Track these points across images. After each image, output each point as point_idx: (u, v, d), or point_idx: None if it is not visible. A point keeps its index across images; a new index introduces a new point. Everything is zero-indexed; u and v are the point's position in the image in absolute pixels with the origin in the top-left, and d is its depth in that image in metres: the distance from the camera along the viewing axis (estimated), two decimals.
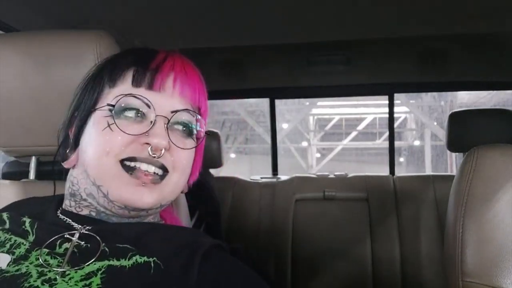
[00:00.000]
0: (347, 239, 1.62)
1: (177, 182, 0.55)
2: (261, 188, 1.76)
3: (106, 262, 0.48)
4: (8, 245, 0.52)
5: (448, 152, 1.66)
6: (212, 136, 1.70)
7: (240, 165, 9.31)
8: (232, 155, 9.86)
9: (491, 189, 0.66)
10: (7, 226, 0.56)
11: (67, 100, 0.61)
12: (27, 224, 0.54)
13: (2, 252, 0.51)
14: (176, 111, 0.54)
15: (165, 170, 0.53)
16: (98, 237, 0.51)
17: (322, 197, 1.68)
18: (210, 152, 1.68)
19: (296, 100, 8.67)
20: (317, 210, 1.68)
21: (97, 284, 0.45)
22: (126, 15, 1.01)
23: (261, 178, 1.88)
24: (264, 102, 6.68)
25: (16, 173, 0.98)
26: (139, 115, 0.53)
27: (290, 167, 7.83)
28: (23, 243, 0.51)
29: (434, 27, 1.15)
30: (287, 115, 9.48)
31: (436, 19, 1.09)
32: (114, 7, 0.94)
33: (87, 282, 0.46)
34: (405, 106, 9.04)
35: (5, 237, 0.53)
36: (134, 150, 0.52)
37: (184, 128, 0.56)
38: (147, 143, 0.52)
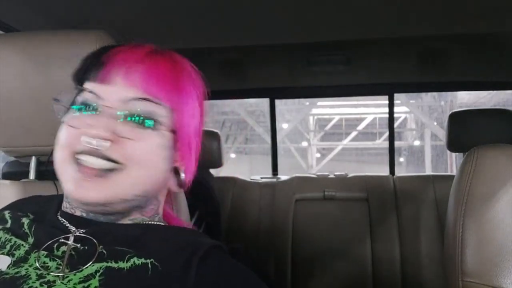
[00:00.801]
0: (347, 239, 1.62)
1: (137, 176, 0.52)
2: (261, 188, 1.76)
3: (104, 264, 0.48)
4: (8, 247, 0.52)
5: (448, 152, 1.66)
6: (212, 136, 1.70)
7: (240, 165, 9.31)
8: (232, 155, 9.86)
9: (491, 189, 0.66)
10: (8, 225, 0.56)
11: None
12: (25, 225, 0.54)
13: (2, 254, 0.51)
14: (125, 101, 0.52)
15: (115, 162, 0.51)
16: (94, 240, 0.50)
17: (322, 197, 1.68)
18: (210, 152, 1.68)
19: (296, 100, 8.67)
20: (317, 210, 1.68)
21: (96, 286, 0.45)
22: (126, 15, 1.01)
23: (261, 178, 1.88)
24: (264, 102, 6.68)
25: (16, 173, 0.98)
26: (89, 108, 0.52)
27: (290, 167, 7.83)
28: (22, 245, 0.51)
29: (434, 27, 1.15)
30: (287, 115, 9.48)
31: (436, 19, 1.09)
32: (114, 7, 0.94)
33: (86, 285, 0.46)
34: (405, 106, 9.04)
35: (6, 237, 0.53)
36: (83, 143, 0.51)
37: (138, 119, 0.52)
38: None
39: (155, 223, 0.59)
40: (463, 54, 1.47)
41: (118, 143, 0.51)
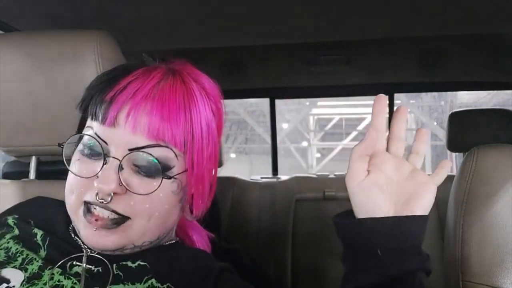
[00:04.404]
0: None
1: (144, 227, 0.50)
2: (261, 188, 1.75)
3: (121, 287, 0.48)
4: (20, 259, 0.50)
5: (448, 152, 1.65)
6: None
7: (240, 165, 9.30)
8: (232, 155, 9.86)
9: (491, 189, 0.65)
10: (16, 232, 0.55)
11: (67, 100, 0.61)
12: (38, 237, 0.53)
13: (14, 267, 0.49)
14: (132, 150, 0.48)
15: (122, 216, 0.49)
16: (107, 261, 0.50)
17: (322, 197, 1.68)
18: None
19: (296, 100, 8.67)
20: (318, 210, 1.68)
21: None
22: (126, 15, 1.01)
23: (261, 178, 1.88)
24: (264, 102, 6.68)
25: (16, 173, 0.98)
26: (95, 154, 0.49)
27: (290, 167, 7.83)
28: (35, 259, 0.50)
29: (434, 27, 1.15)
30: (287, 115, 9.48)
31: (436, 19, 1.09)
32: (114, 7, 0.94)
33: None
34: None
35: (16, 248, 0.52)
36: (91, 193, 0.48)
37: (144, 169, 0.49)
38: None
39: (166, 243, 0.57)
40: (463, 54, 1.47)
41: (126, 196, 0.48)
